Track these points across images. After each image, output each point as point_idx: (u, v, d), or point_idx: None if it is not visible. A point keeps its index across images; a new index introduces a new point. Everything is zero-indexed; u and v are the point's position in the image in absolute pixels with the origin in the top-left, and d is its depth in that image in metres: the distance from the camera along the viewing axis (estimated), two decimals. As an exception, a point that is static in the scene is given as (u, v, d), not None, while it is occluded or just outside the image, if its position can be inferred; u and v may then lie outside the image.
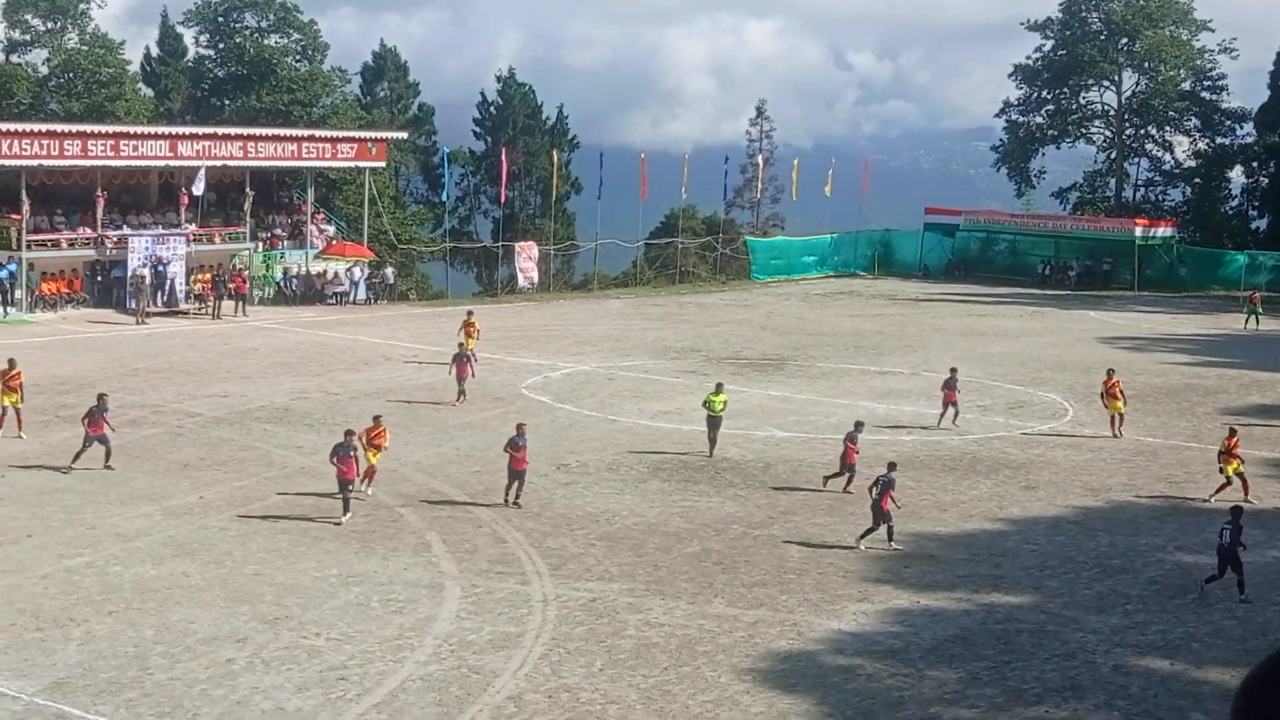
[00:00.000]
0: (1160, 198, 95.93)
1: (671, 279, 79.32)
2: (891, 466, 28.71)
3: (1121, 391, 38.95)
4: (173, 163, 60.25)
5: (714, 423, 34.68)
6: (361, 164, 67.37)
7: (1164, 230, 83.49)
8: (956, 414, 38.75)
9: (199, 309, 58.18)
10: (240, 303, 58.25)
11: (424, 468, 32.84)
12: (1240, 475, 31.67)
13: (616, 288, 77.22)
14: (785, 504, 30.51)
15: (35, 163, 55.62)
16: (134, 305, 55.91)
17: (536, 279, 72.01)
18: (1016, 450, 36.36)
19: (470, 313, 48.41)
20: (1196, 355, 54.54)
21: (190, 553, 25.74)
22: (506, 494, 29.56)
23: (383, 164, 70.06)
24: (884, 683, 20.79)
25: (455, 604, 23.53)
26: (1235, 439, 32.29)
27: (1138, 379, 47.88)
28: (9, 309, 54.90)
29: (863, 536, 27.36)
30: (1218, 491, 31.38)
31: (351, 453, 28.63)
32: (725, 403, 35.03)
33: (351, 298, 64.20)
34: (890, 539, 27.23)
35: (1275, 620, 23.62)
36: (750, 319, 62.60)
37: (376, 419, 31.29)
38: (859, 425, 32.40)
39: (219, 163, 60.92)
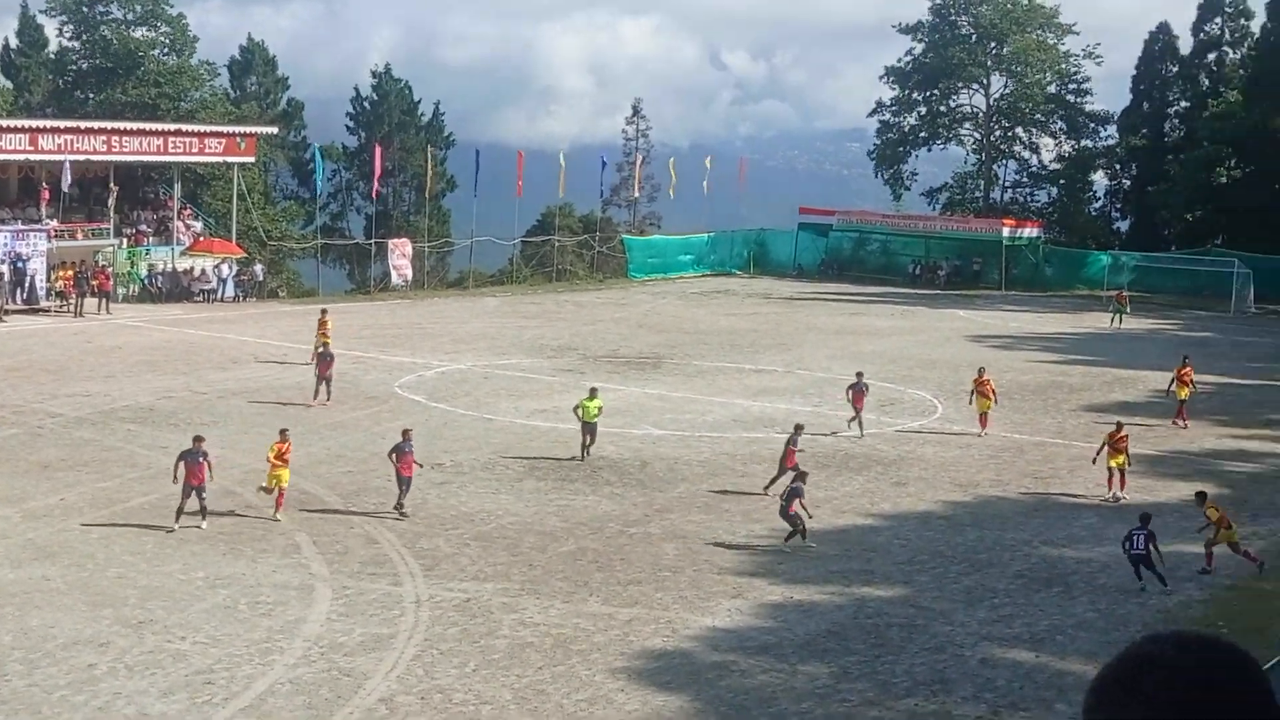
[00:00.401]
0: (1027, 199, 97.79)
1: (548, 277, 79.16)
2: (800, 476, 28.15)
3: (993, 390, 39.48)
4: (33, 156, 58.91)
5: (589, 428, 33.89)
6: (230, 159, 66.39)
7: (1030, 231, 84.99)
8: (861, 424, 37.62)
9: (61, 306, 56.89)
10: (104, 300, 57.03)
11: (294, 468, 32.28)
12: (1121, 470, 31.99)
13: (492, 286, 76.90)
14: (661, 502, 30.52)
15: (-110, 156, 54.08)
16: (-6, 302, 54.55)
17: (411, 276, 71.43)
18: (887, 447, 36.72)
19: (324, 311, 47.32)
20: (1062, 353, 55.55)
21: (50, 556, 25.10)
22: (398, 504, 28.63)
23: (252, 159, 69.11)
24: (757, 679, 20.85)
25: (325, 606, 23.20)
26: (1123, 434, 32.58)
27: (1005, 376, 48.60)
28: None
29: (788, 539, 27.28)
30: (1117, 488, 31.78)
31: (200, 459, 27.26)
32: (600, 408, 34.29)
33: (219, 295, 63.20)
34: (802, 539, 27.16)
35: (1136, 613, 24.07)
36: (627, 317, 62.64)
37: (283, 432, 29.52)
38: (799, 428, 32.22)
39: (82, 157, 59.65)
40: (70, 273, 57.85)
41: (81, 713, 18.56)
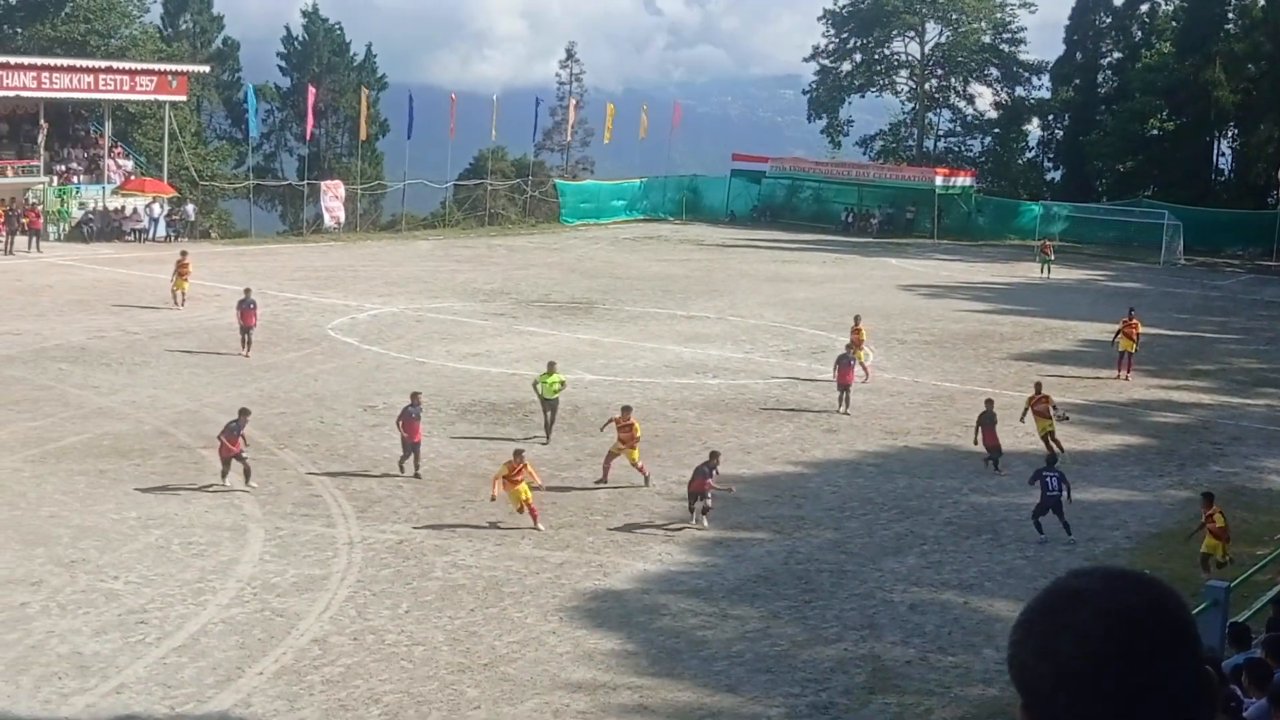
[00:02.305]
0: (961, 148, 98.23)
1: (481, 221, 78.87)
2: (713, 455, 26.49)
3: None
4: (-38, 92, 57.91)
5: (549, 404, 31.41)
6: (162, 97, 65.53)
7: (963, 180, 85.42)
8: (848, 400, 35.26)
9: (-11, 244, 56.16)
10: (34, 238, 56.33)
11: (226, 409, 32.14)
12: (1050, 435, 31.53)
13: (425, 229, 76.52)
14: (593, 446, 30.63)
15: None
16: (-81, 239, 53.77)
17: (343, 219, 70.95)
18: (819, 394, 37.00)
19: (184, 253, 46.59)
20: (992, 303, 56.05)
21: (-19, 495, 24.97)
22: (402, 464, 27.79)
23: (184, 98, 68.25)
24: (688, 621, 21.11)
25: (259, 547, 23.24)
26: (1042, 395, 32.36)
27: (936, 325, 49.09)
28: None
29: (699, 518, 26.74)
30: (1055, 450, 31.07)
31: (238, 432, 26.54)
32: (561, 383, 31.50)
33: (151, 235, 62.54)
34: (701, 515, 25.99)
35: (1064, 560, 24.49)
36: (559, 262, 62.59)
37: (517, 454, 26.04)
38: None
39: (11, 93, 58.75)
40: (0, 211, 57.07)
41: (14, 650, 18.56)
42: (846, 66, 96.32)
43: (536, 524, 24.93)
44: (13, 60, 60.79)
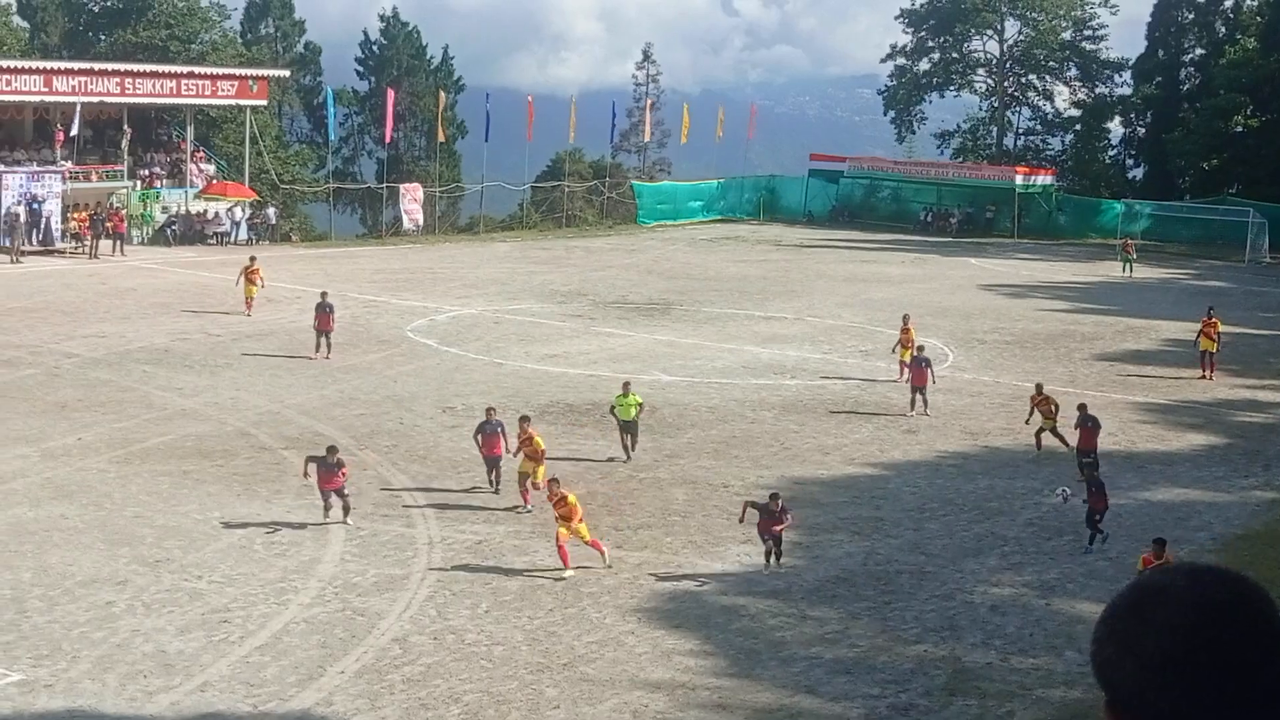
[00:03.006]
0: (1041, 146, 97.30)
1: (558, 223, 79.07)
2: (774, 497, 23.94)
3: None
4: (48, 98, 58.82)
5: (628, 427, 29.53)
6: (242, 102, 66.22)
7: (1044, 178, 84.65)
8: (926, 402, 34.67)
9: (76, 248, 57.01)
10: (118, 242, 57.15)
11: (307, 410, 32.56)
12: (1051, 432, 30.80)
13: (503, 231, 76.82)
14: (670, 447, 30.66)
15: (-96, 96, 54.04)
16: (8, 243, 54.56)
17: (422, 221, 71.39)
18: (898, 395, 36.75)
19: (253, 258, 45.73)
20: (1074, 302, 55.49)
21: (68, 495, 25.34)
22: (490, 479, 26.88)
23: (264, 102, 68.95)
24: (766, 623, 21.04)
25: (340, 547, 23.42)
26: (1043, 397, 31.50)
27: (1017, 325, 48.68)
28: (-123, 246, 53.46)
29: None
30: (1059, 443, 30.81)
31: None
32: (639, 404, 29.69)
33: (232, 238, 63.25)
34: (776, 562, 23.53)
35: (1146, 561, 24.19)
36: (636, 263, 62.65)
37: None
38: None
39: (95, 99, 59.59)
40: (85, 215, 57.93)
41: (100, 649, 18.81)
42: (924, 65, 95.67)
43: (604, 558, 23.01)
44: (96, 66, 61.65)
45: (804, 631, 20.76)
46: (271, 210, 67.11)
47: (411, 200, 71.26)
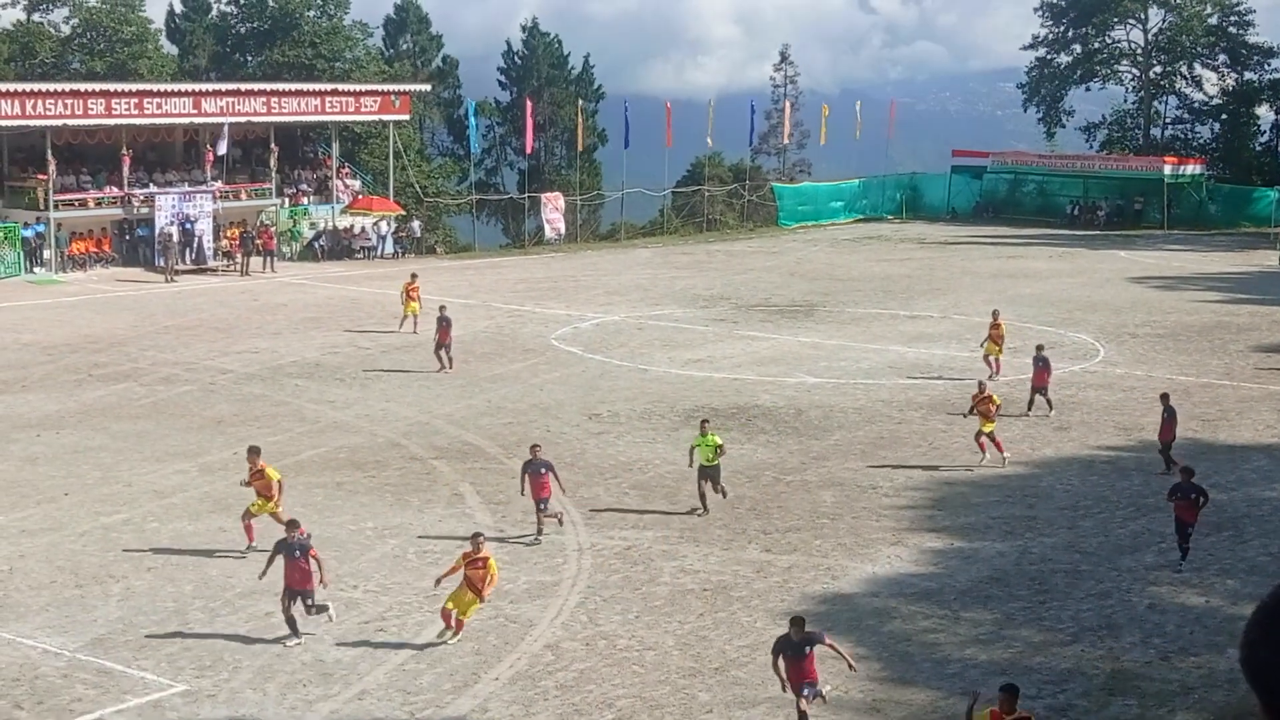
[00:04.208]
0: (1189, 135, 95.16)
1: (699, 227, 79.12)
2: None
3: (1001, 336, 37.42)
4: (197, 120, 60.26)
5: (708, 473, 26.06)
6: (385, 117, 67.25)
7: (1193, 168, 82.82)
8: (1049, 402, 33.81)
9: (228, 266, 58.28)
10: (268, 259, 58.34)
11: (455, 420, 32.93)
12: (991, 437, 29.28)
13: (644, 237, 77.06)
14: (817, 450, 30.51)
15: (60, 122, 55.66)
16: (163, 263, 56.02)
17: (564, 230, 71.88)
18: (1050, 393, 36.17)
19: (414, 275, 45.42)
20: (1227, 293, 54.23)
21: (226, 508, 25.87)
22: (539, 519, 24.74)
23: (406, 117, 69.90)
24: (919, 624, 20.85)
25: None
26: (985, 395, 29.81)
27: (1169, 317, 47.69)
28: (38, 268, 55.14)
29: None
30: (995, 451, 29.30)
31: (543, 471, 24.26)
32: (719, 447, 26.18)
33: (379, 252, 64.23)
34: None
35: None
36: (778, 265, 62.46)
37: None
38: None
39: (243, 119, 60.90)
40: (236, 233, 59.23)
41: (261, 659, 19.20)
42: (1066, 58, 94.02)
43: (453, 635, 19.80)
44: (243, 87, 63.02)
45: (957, 633, 20.53)
46: (416, 223, 68.02)
47: (553, 209, 71.78)
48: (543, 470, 24.56)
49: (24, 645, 19.61)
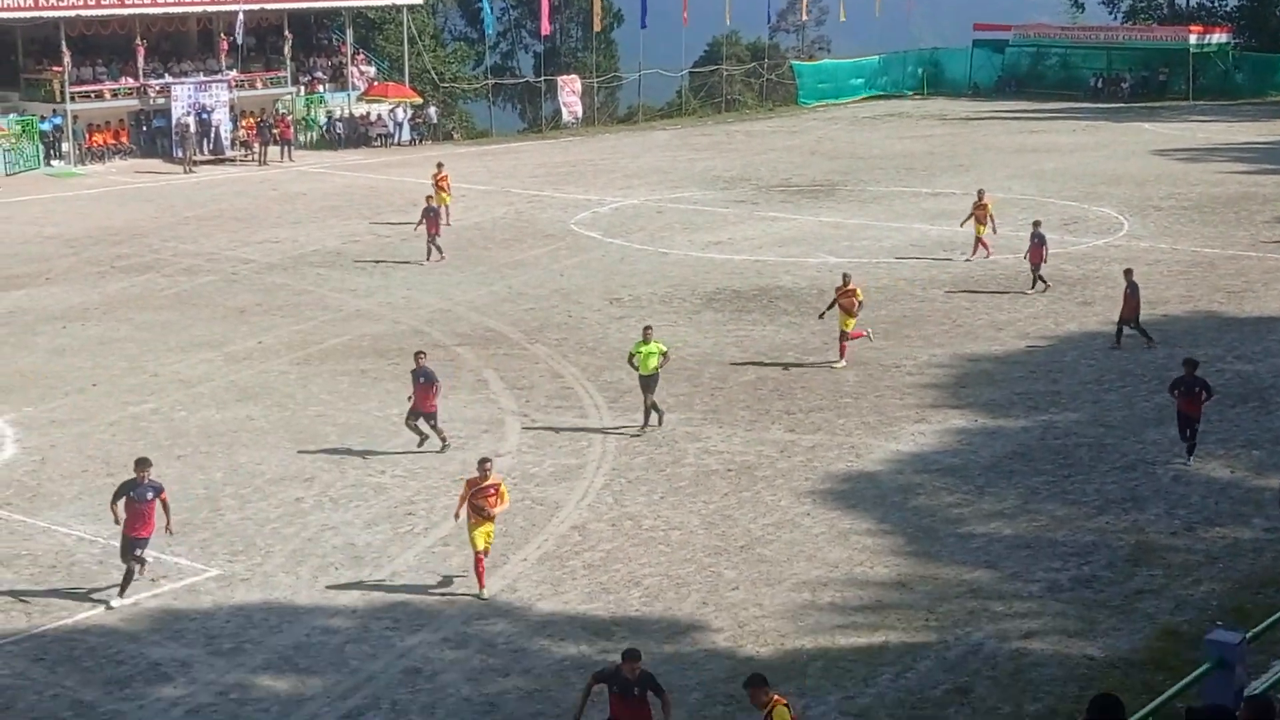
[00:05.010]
0: (1215, 3, 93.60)
1: (717, 108, 78.45)
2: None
3: (991, 216, 36.72)
4: (210, 8, 59.77)
5: (648, 384, 24.23)
6: (399, 2, 66.54)
7: (1219, 37, 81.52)
8: (1037, 280, 33.41)
9: (245, 155, 58.09)
10: (286, 148, 58.13)
11: (477, 306, 32.96)
12: (843, 334, 27.83)
13: (662, 119, 76.44)
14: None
15: (73, 13, 55.23)
16: (180, 154, 55.86)
17: (581, 113, 71.34)
18: (1072, 266, 36.06)
19: (440, 165, 44.47)
20: (1254, 164, 53.68)
21: (253, 396, 26.06)
22: (409, 424, 23.14)
23: (420, 1, 69.18)
24: (943, 500, 20.95)
25: (515, 439, 23.78)
26: (849, 288, 27.98)
27: (1194, 190, 47.29)
28: (57, 161, 55.05)
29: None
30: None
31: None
32: (663, 353, 24.29)
33: (396, 139, 63.89)
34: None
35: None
36: (799, 145, 62.01)
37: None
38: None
39: (257, 6, 60.36)
40: (253, 122, 58.96)
41: (292, 543, 19.42)
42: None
43: (481, 589, 17.86)
44: (257, -26, 62.39)
45: (982, 508, 20.64)
46: (433, 110, 67.55)
47: (570, 92, 71.22)
48: (421, 379, 22.84)
49: (59, 533, 19.88)
